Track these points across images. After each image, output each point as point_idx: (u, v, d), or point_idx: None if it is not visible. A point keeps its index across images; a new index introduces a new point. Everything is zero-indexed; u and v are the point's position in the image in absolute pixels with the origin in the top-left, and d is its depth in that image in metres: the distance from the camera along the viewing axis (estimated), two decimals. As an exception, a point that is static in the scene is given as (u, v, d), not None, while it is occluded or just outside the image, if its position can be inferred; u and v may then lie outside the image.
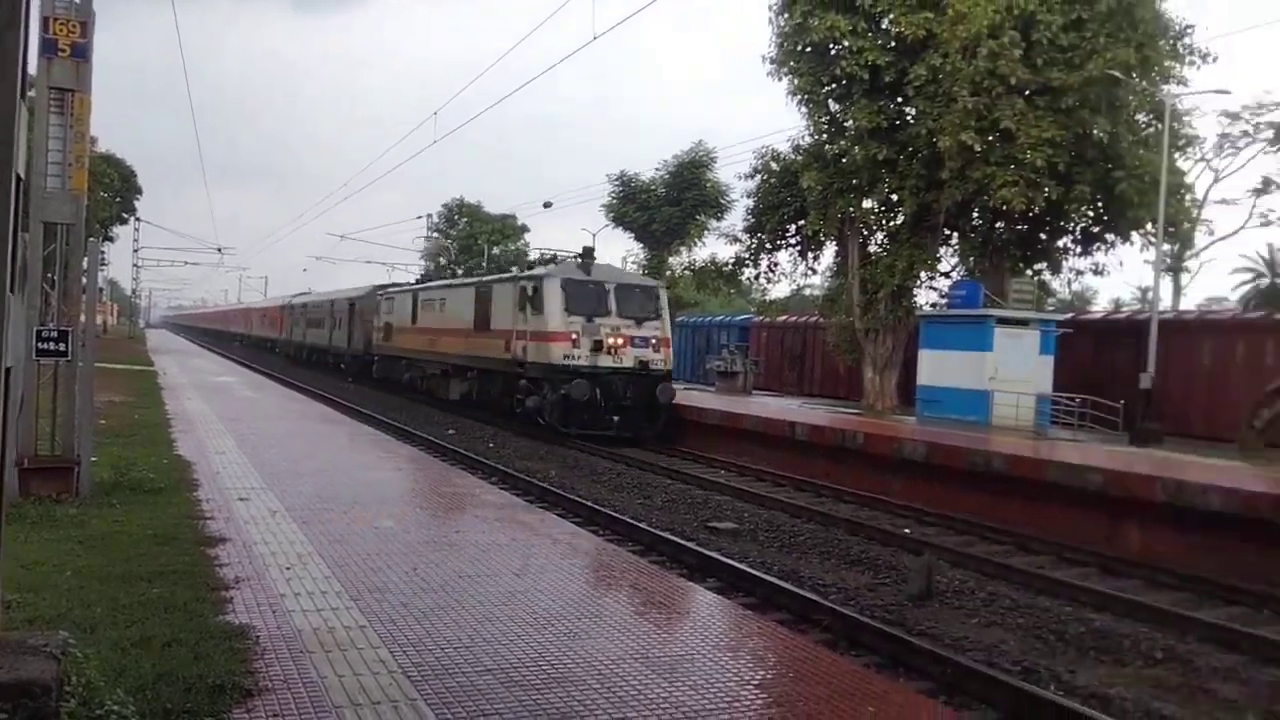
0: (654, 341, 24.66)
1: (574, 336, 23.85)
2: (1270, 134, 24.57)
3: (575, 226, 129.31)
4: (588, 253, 27.33)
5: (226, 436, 16.94)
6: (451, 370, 31.29)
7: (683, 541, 13.02)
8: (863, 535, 14.07)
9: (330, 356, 50.66)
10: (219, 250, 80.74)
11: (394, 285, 45.48)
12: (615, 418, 23.58)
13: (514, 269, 36.53)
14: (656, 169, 51.49)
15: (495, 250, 69.32)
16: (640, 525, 14.06)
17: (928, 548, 12.25)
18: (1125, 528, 14.03)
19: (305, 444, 17.05)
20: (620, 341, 24.10)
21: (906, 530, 14.40)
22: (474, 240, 70.97)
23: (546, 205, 58.95)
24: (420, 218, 74.21)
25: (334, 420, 22.24)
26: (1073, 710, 7.35)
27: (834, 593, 11.01)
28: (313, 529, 9.62)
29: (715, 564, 11.93)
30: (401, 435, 23.12)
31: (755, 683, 5.87)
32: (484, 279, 31.40)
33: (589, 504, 15.62)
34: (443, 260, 65.99)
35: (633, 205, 50.89)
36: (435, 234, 72.99)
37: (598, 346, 23.78)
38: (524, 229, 73.72)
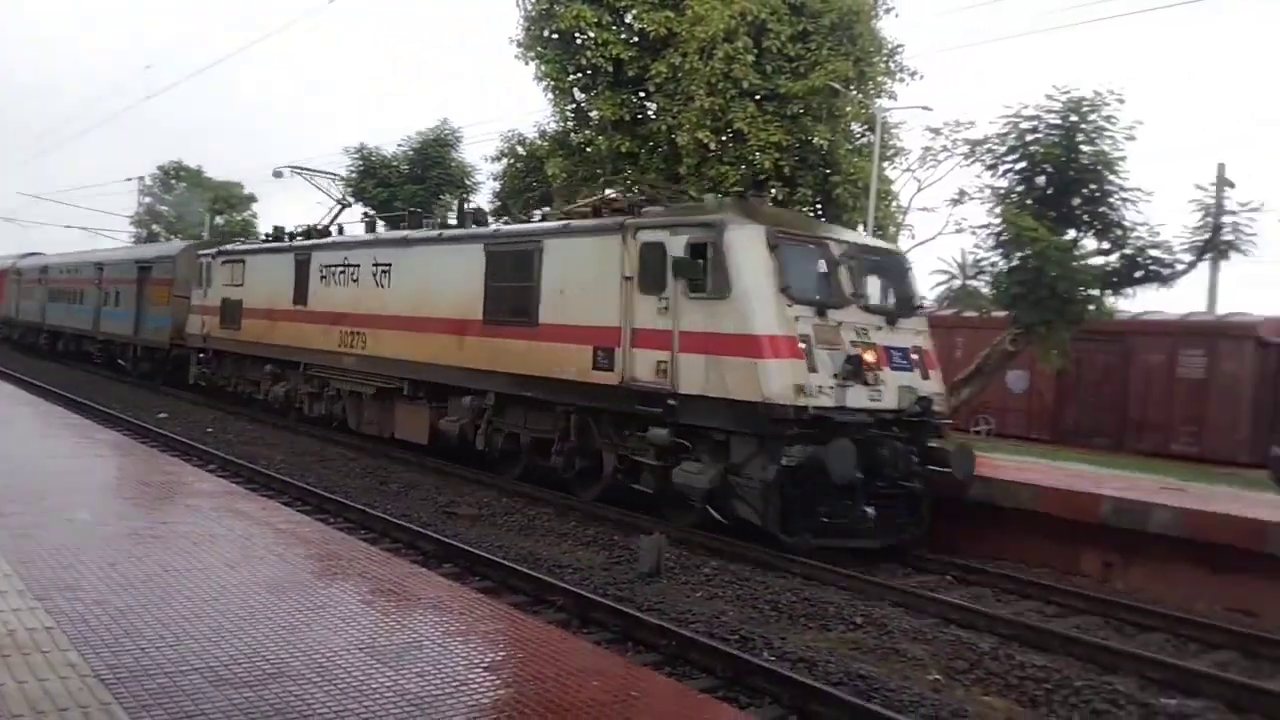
0: (917, 356, 13.57)
1: (802, 346, 12.30)
2: (966, 149, 27.48)
3: (310, 199, 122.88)
4: (759, 185, 18.09)
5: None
6: (413, 392, 18.38)
7: (418, 528, 12.77)
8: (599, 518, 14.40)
9: (99, 346, 35.79)
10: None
11: (239, 243, 30.44)
12: (870, 509, 12.36)
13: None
14: (399, 144, 49.95)
15: (219, 220, 64.53)
16: (373, 512, 13.64)
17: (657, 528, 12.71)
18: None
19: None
20: (876, 358, 12.87)
21: None
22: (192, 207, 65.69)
23: (276, 174, 55.48)
24: (131, 180, 67.71)
25: (24, 401, 19.86)
26: (779, 674, 7.92)
27: (570, 573, 11.20)
28: (-10, 523, 8.55)
29: (452, 549, 11.80)
30: (102, 419, 21.03)
31: (485, 665, 5.86)
32: (511, 229, 17.92)
33: (318, 491, 14.95)
34: (156, 228, 60.65)
35: (373, 180, 49.07)
36: (149, 198, 66.94)
37: (855, 368, 12.42)
38: (251, 198, 69.11)
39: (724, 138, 26.91)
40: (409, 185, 48.15)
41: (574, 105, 30.76)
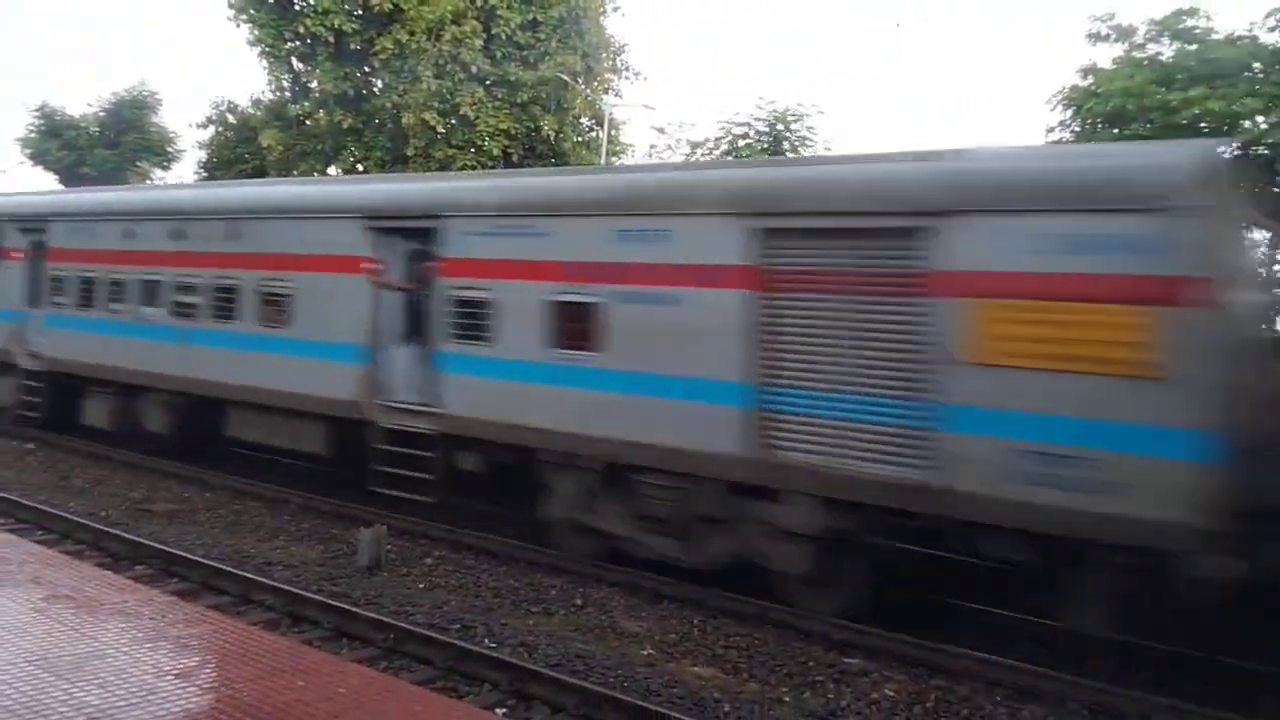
0: None
1: None
2: (688, 149, 28.92)
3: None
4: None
5: None
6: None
7: (104, 527, 11.63)
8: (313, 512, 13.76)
9: None
10: None
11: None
12: None
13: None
14: (90, 105, 45.03)
15: None
16: (52, 510, 12.27)
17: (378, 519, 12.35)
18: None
19: None
20: None
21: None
22: None
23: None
24: None
25: None
26: (497, 659, 7.97)
27: (280, 570, 10.64)
28: None
29: (144, 549, 10.85)
30: None
31: (176, 673, 5.46)
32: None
33: (-18, 490, 13.23)
34: None
35: (58, 142, 43.91)
36: None
37: None
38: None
39: (452, 121, 26.55)
40: (100, 149, 43.56)
41: (291, 74, 29.16)
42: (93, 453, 16.58)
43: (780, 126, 23.49)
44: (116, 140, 43.87)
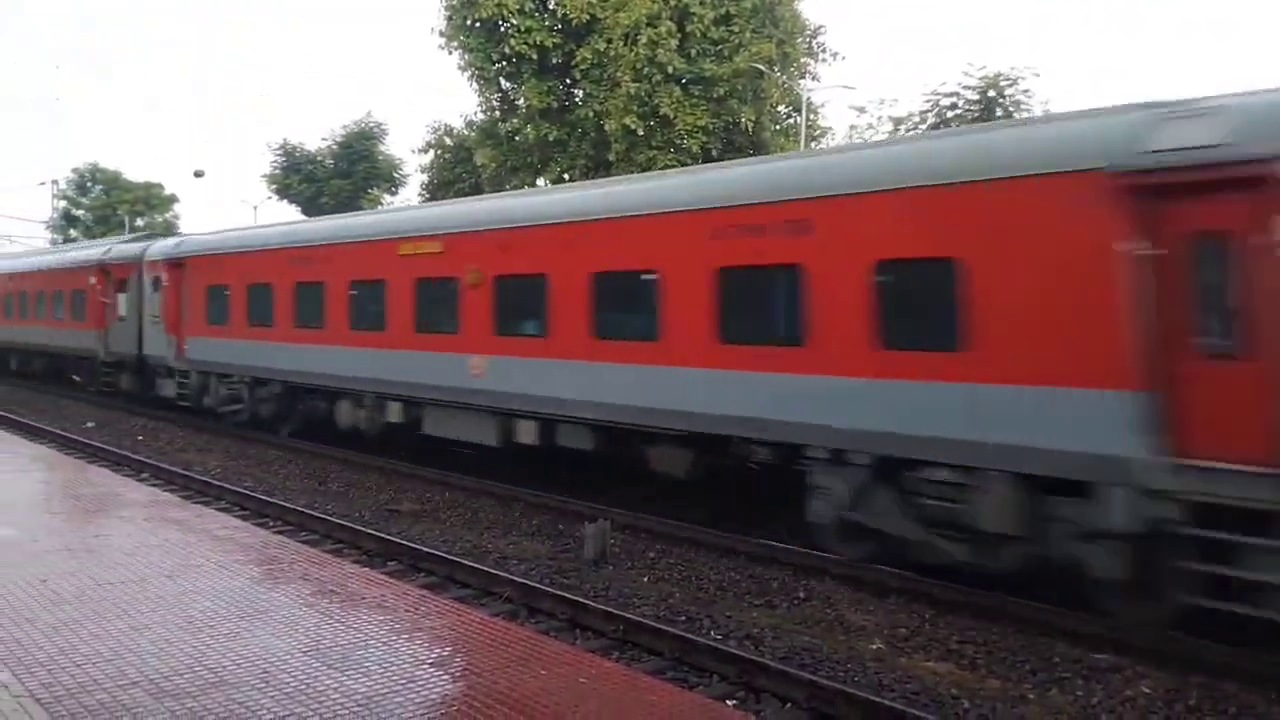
0: None
1: None
2: (890, 126, 28.09)
3: (233, 198, 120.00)
4: None
5: None
6: None
7: (360, 527, 12.64)
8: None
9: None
10: None
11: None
12: None
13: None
14: (324, 139, 49.08)
15: (139, 222, 62.76)
16: (314, 513, 13.46)
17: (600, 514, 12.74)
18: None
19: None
20: None
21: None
22: (112, 210, 63.74)
23: (198, 174, 54.48)
24: (44, 184, 65.47)
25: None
26: (725, 651, 8.04)
27: (515, 564, 11.19)
28: (-91, 546, 8.28)
29: (395, 547, 11.70)
30: (27, 432, 20.38)
31: (432, 661, 5.86)
32: None
33: (257, 495, 14.69)
34: (74, 232, 58.86)
35: (298, 176, 48.16)
36: (64, 201, 64.82)
37: None
38: (172, 199, 67.36)
39: (651, 123, 26.98)
40: (335, 180, 47.38)
41: (500, 94, 30.59)
42: (346, 459, 18.03)
43: (992, 92, 22.33)
44: (349, 170, 47.55)
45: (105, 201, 64.54)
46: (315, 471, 17.30)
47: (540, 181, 30.89)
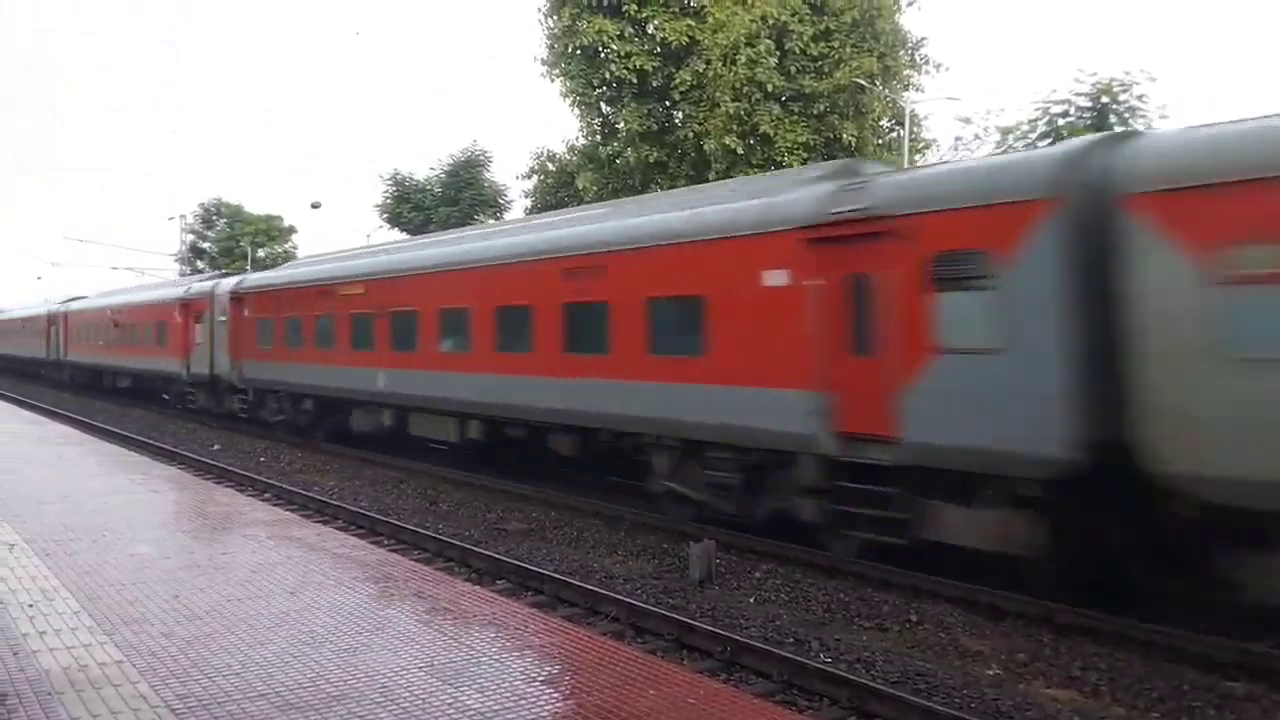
0: None
1: None
2: (998, 136, 27.49)
3: (347, 227, 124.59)
4: None
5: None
6: None
7: (470, 546, 12.90)
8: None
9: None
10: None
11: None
12: None
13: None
14: (432, 168, 50.53)
15: (260, 253, 65.72)
16: (425, 532, 13.80)
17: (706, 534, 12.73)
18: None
19: (46, 469, 15.56)
20: None
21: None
22: (236, 242, 66.90)
23: (315, 206, 56.69)
24: (173, 219, 69.20)
25: (78, 441, 20.39)
26: (836, 675, 7.90)
27: (621, 583, 11.25)
28: (58, 561, 8.82)
29: (504, 565, 11.91)
30: (159, 454, 21.50)
31: (542, 679, 5.94)
32: None
33: (371, 514, 15.16)
34: (201, 264, 61.98)
35: (408, 205, 49.65)
36: (191, 235, 68.34)
37: None
38: (291, 230, 70.29)
39: (751, 141, 26.95)
40: (443, 208, 48.66)
41: (600, 118, 31.01)
42: (455, 479, 18.46)
43: (1105, 99, 21.57)
44: (456, 198, 48.80)
45: (229, 234, 67.75)
46: (426, 491, 17.75)
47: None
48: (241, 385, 26.84)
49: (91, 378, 42.73)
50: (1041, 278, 9.09)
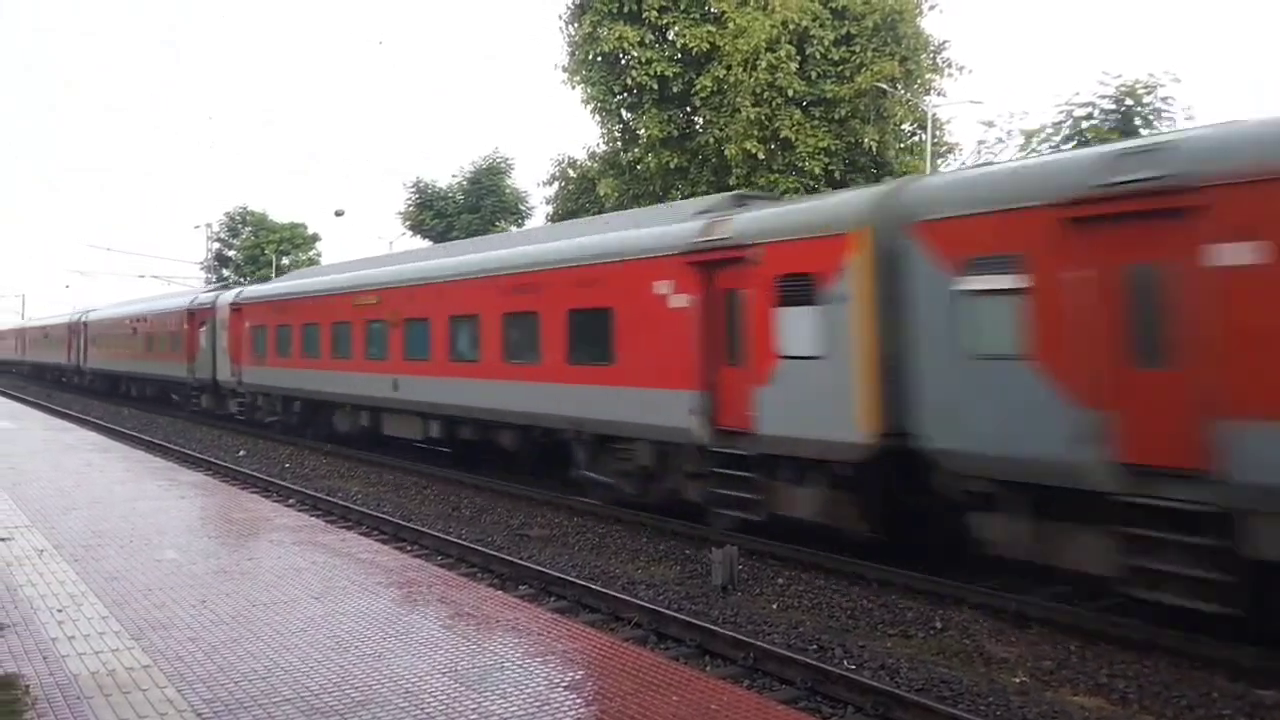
0: None
1: None
2: (1021, 139, 27.29)
3: (369, 235, 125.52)
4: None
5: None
6: None
7: (493, 552, 12.94)
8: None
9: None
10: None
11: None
12: None
13: None
14: (454, 176, 50.81)
15: (285, 261, 66.26)
16: (448, 537, 13.85)
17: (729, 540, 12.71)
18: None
19: (74, 476, 15.74)
20: None
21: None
22: (260, 250, 67.48)
23: (338, 214, 57.06)
24: (199, 227, 69.94)
25: (105, 448, 20.62)
26: (861, 681, 7.86)
27: (644, 589, 11.24)
28: (86, 566, 8.92)
29: (526, 571, 11.93)
30: (185, 460, 21.70)
31: (565, 684, 5.94)
32: None
33: (395, 520, 15.23)
34: (226, 272, 62.54)
35: (430, 212, 49.95)
36: (217, 243, 68.97)
37: None
38: (315, 238, 70.84)
39: (772, 146, 26.90)
40: (465, 215, 48.91)
41: (621, 125, 31.06)
42: (476, 485, 18.53)
43: (1130, 101, 21.39)
44: (478, 205, 49.04)
45: (254, 242, 68.36)
46: (448, 497, 17.82)
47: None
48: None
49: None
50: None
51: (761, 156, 26.60)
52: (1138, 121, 20.05)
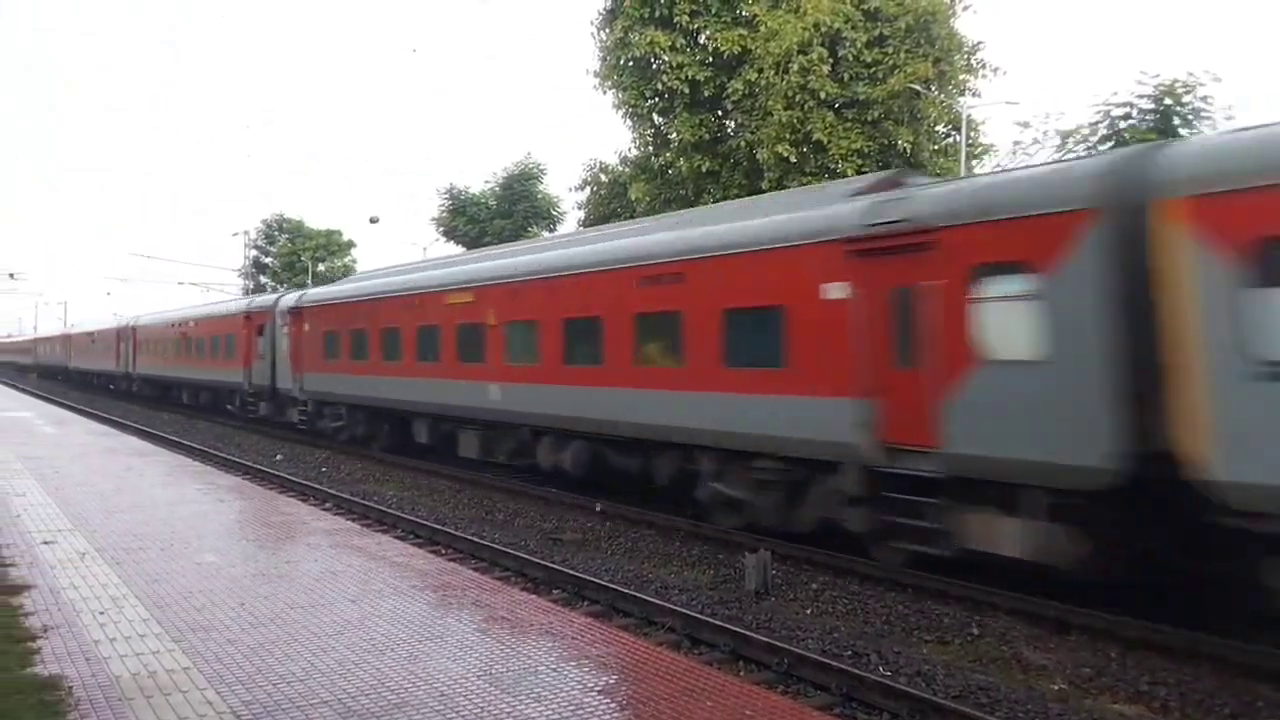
0: None
1: None
2: (1057, 140, 27.03)
3: (404, 240, 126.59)
4: None
5: (26, 477, 15.70)
6: None
7: (526, 555, 12.98)
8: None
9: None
10: (11, 276, 74.47)
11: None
12: None
13: None
14: (487, 181, 51.15)
15: (321, 267, 67.02)
16: (482, 541, 13.92)
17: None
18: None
19: (116, 480, 16.00)
20: None
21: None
22: (297, 257, 68.30)
23: (373, 220, 57.63)
24: (236, 235, 70.95)
25: (145, 452, 20.95)
26: (896, 688, 7.79)
27: (677, 594, 11.22)
28: (127, 569, 9.07)
29: (559, 575, 11.95)
30: (223, 464, 21.99)
31: (599, 689, 5.95)
32: None
33: (429, 524, 15.33)
34: (264, 278, 63.33)
35: (463, 218, 50.30)
36: (254, 250, 69.89)
37: None
38: (350, 244, 71.59)
39: (804, 149, 26.80)
40: (498, 220, 49.21)
41: (653, 129, 31.09)
42: (509, 489, 18.59)
43: (1169, 101, 21.09)
44: (510, 210, 49.32)
45: (291, 249, 69.24)
46: (481, 501, 17.90)
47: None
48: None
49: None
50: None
51: (793, 160, 26.51)
52: (1176, 121, 19.76)
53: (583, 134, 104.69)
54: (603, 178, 34.51)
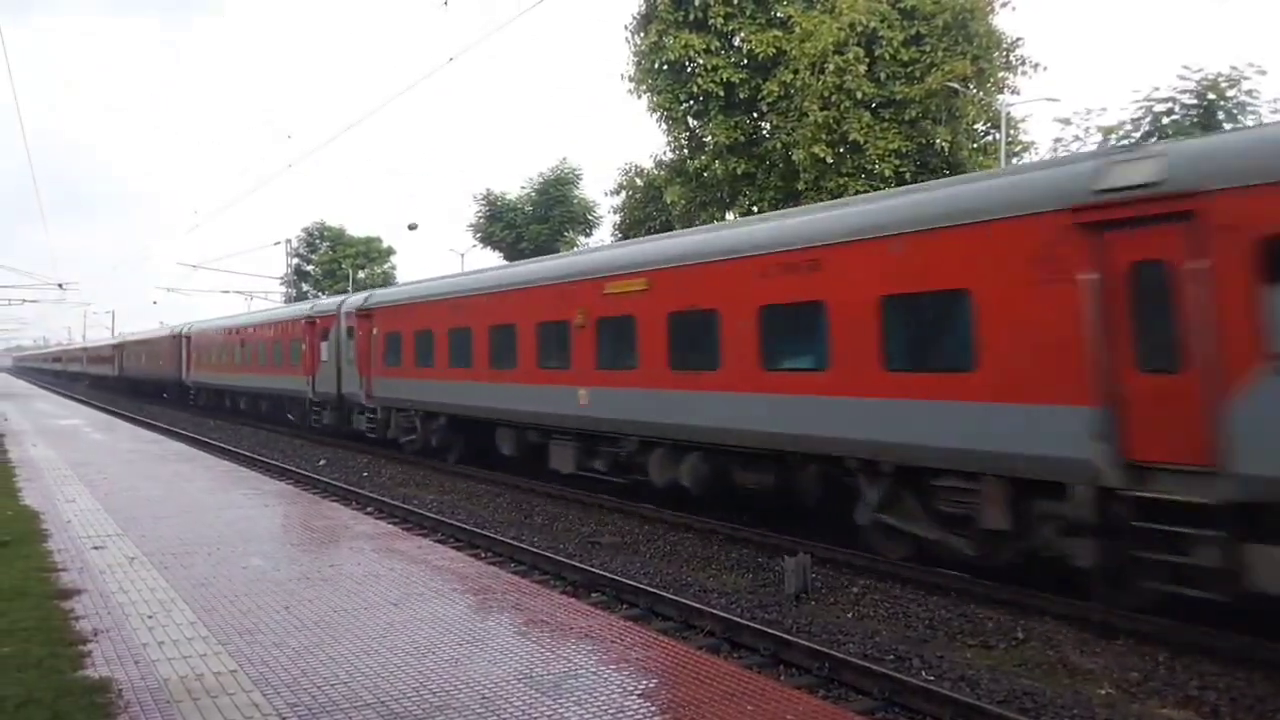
0: None
1: None
2: (1099, 136, 26.66)
3: (442, 247, 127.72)
4: None
5: (75, 483, 16.03)
6: None
7: (565, 559, 13.02)
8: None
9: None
10: (60, 286, 75.99)
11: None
12: None
13: None
14: (523, 187, 51.45)
15: (361, 274, 67.78)
16: (521, 545, 13.99)
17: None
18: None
19: (163, 486, 16.29)
20: None
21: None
22: (338, 265, 69.14)
23: (412, 227, 58.15)
24: (278, 243, 71.99)
25: (192, 458, 21.31)
26: (939, 693, 7.71)
27: (716, 597, 11.20)
28: (175, 574, 9.23)
29: (598, 578, 11.98)
30: (269, 470, 22.30)
31: (640, 693, 5.95)
32: None
33: (468, 528, 15.44)
34: (305, 286, 64.20)
35: (500, 224, 50.62)
36: (296, 258, 70.86)
37: None
38: (390, 251, 72.34)
39: (841, 150, 26.66)
40: (534, 225, 49.46)
41: (688, 132, 31.08)
42: (549, 492, 18.66)
43: (1213, 95, 20.70)
44: (546, 215, 49.56)
45: (331, 257, 70.11)
46: (521, 505, 17.99)
47: (729, 216, 31.11)
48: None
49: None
50: None
51: (830, 160, 26.38)
52: (1220, 116, 19.40)
53: (618, 138, 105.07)
54: (638, 182, 34.56)
